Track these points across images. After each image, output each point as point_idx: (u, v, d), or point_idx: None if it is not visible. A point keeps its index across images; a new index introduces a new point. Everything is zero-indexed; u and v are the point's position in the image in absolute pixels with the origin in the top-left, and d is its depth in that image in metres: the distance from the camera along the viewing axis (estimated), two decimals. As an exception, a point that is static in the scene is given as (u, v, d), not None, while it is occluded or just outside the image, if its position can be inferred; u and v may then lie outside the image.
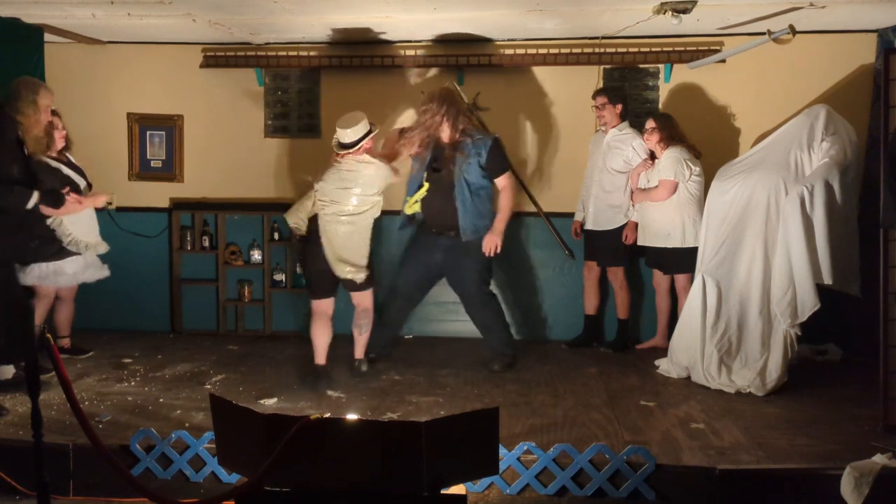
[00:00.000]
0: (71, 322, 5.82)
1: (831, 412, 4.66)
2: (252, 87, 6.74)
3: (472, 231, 5.49)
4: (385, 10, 5.44)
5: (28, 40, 5.80)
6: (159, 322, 6.78)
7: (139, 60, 6.78)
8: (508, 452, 3.79)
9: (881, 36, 6.03)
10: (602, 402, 4.88)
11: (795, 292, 4.96)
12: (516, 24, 5.87)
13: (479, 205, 5.50)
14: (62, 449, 3.97)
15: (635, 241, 6.01)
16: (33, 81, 5.13)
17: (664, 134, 5.78)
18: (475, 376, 5.46)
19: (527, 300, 6.65)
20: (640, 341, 6.33)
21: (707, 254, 5.33)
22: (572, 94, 6.45)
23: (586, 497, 3.79)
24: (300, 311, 6.73)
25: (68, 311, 5.75)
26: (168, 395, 4.96)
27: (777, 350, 5.04)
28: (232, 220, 6.81)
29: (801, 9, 5.23)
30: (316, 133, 6.73)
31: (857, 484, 3.57)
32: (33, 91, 4.97)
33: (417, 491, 2.74)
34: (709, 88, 6.39)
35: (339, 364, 5.52)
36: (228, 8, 5.40)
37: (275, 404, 4.78)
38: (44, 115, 5.00)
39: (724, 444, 4.10)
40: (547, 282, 6.64)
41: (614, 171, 6.02)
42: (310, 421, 2.78)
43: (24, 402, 4.57)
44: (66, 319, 5.77)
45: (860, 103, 6.06)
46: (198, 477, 3.95)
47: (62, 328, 5.75)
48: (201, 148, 6.83)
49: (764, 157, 5.37)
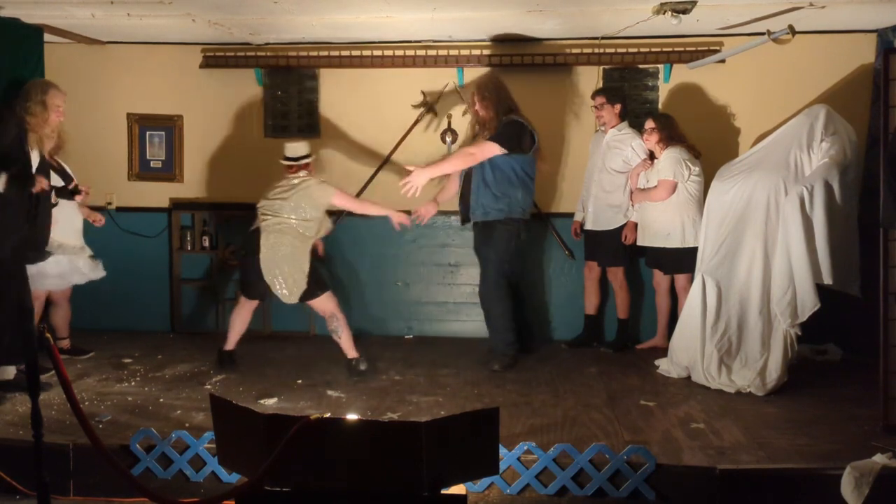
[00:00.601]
0: (68, 323, 5.81)
1: (831, 412, 4.66)
2: (252, 87, 6.74)
3: (482, 213, 5.47)
4: (385, 10, 5.44)
5: (28, 40, 5.79)
6: (159, 322, 6.78)
7: (139, 60, 6.78)
8: (509, 452, 3.79)
9: (881, 36, 6.03)
10: (602, 401, 4.88)
11: (795, 292, 4.96)
12: (516, 24, 5.87)
13: (494, 187, 5.45)
14: (62, 449, 3.97)
15: (635, 240, 6.02)
16: (44, 82, 5.21)
17: (663, 134, 5.78)
18: (475, 376, 5.46)
19: (527, 300, 6.64)
20: (640, 341, 6.33)
21: (707, 254, 5.33)
22: (572, 94, 6.45)
23: (586, 497, 3.78)
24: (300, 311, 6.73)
25: (64, 313, 5.76)
26: (168, 395, 4.96)
27: (777, 350, 5.04)
28: (232, 219, 6.80)
29: (801, 9, 5.23)
30: (316, 133, 6.73)
31: (857, 484, 3.57)
32: (42, 91, 5.04)
33: (417, 491, 2.74)
34: (708, 89, 6.39)
35: (338, 364, 5.52)
36: (228, 8, 5.40)
37: (275, 404, 4.78)
38: (53, 114, 5.04)
39: (724, 444, 4.10)
40: (547, 282, 6.64)
41: (614, 171, 6.02)
42: (310, 421, 2.78)
43: (25, 401, 4.57)
44: (63, 321, 5.77)
45: (860, 103, 6.06)
46: (198, 477, 3.95)
47: (60, 329, 5.75)
48: (201, 148, 6.83)
49: (764, 158, 5.38)
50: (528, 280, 6.61)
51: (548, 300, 6.64)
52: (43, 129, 4.99)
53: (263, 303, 5.62)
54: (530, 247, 6.62)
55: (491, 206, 5.47)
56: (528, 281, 6.61)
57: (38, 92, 5.02)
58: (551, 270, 6.63)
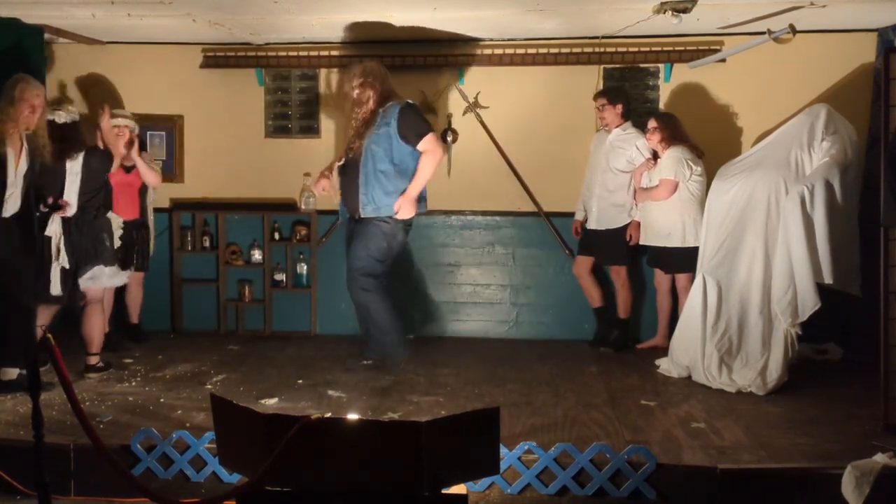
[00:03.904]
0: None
1: (832, 411, 4.65)
2: (252, 87, 6.74)
3: (373, 209, 5.14)
4: (385, 9, 5.44)
5: (28, 40, 5.80)
6: (160, 322, 6.78)
7: (139, 60, 6.78)
8: (509, 452, 3.79)
9: (881, 35, 6.02)
10: (603, 401, 4.88)
11: (796, 292, 4.96)
12: (516, 24, 5.87)
13: (385, 180, 5.11)
14: (63, 449, 3.97)
15: (639, 240, 6.02)
16: (17, 76, 4.91)
17: (666, 133, 5.78)
18: (476, 376, 5.46)
19: (526, 300, 6.65)
20: (640, 341, 6.32)
21: (707, 253, 5.33)
22: (572, 94, 6.44)
23: (587, 497, 3.78)
24: (301, 310, 6.74)
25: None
26: (169, 395, 4.96)
27: (778, 349, 5.04)
28: (232, 219, 6.81)
29: (802, 8, 5.23)
30: (316, 133, 6.73)
31: (857, 483, 3.57)
32: (11, 86, 4.79)
33: (418, 491, 2.74)
34: (709, 88, 6.38)
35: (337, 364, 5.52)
36: (228, 8, 5.40)
37: (275, 404, 4.78)
38: (25, 109, 4.71)
39: (724, 444, 4.10)
40: (547, 281, 6.64)
41: (618, 170, 6.01)
42: (310, 421, 2.78)
43: (25, 402, 4.56)
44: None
45: (860, 102, 6.06)
46: (199, 477, 3.94)
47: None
48: (201, 148, 6.83)
49: (764, 157, 5.37)
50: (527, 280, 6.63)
51: (547, 300, 6.63)
52: (15, 126, 4.70)
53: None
54: (530, 247, 6.62)
55: (383, 201, 5.13)
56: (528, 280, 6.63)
57: (9, 87, 4.78)
58: (551, 270, 6.62)
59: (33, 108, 4.81)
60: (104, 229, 5.26)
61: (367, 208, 5.17)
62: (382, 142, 5.14)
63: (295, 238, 6.70)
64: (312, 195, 6.50)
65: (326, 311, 6.74)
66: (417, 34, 6.20)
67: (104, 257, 5.24)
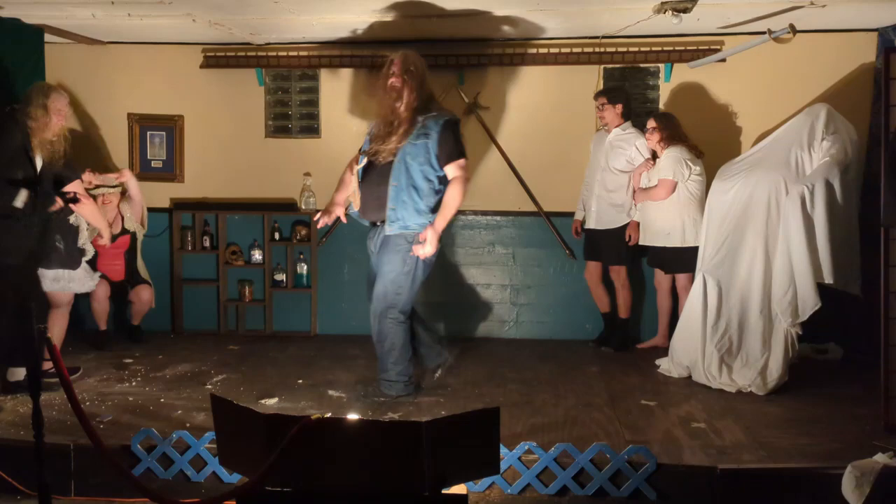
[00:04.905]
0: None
1: (832, 411, 4.65)
2: (253, 87, 6.74)
3: (401, 226, 4.65)
4: (385, 10, 5.43)
5: (28, 40, 5.80)
6: (160, 322, 6.78)
7: (139, 60, 6.78)
8: (509, 452, 3.79)
9: (881, 35, 6.02)
10: (603, 401, 4.88)
11: (796, 291, 4.96)
12: (516, 23, 5.86)
13: (417, 198, 4.62)
14: (63, 449, 3.97)
15: (638, 240, 6.02)
16: (46, 85, 5.15)
17: (665, 133, 5.78)
18: (476, 376, 5.46)
19: (527, 299, 6.65)
20: (640, 341, 6.32)
21: (708, 253, 5.34)
22: (572, 93, 6.44)
23: (587, 496, 3.78)
24: (301, 311, 6.74)
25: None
26: (169, 395, 4.96)
27: (778, 349, 5.04)
28: (232, 220, 6.82)
29: (802, 8, 5.23)
30: (316, 133, 6.73)
31: (858, 483, 3.57)
32: (44, 94, 4.96)
33: (418, 491, 2.74)
34: (709, 88, 6.38)
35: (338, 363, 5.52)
36: (228, 8, 5.40)
37: (276, 404, 4.78)
38: (55, 118, 4.94)
39: (725, 444, 4.10)
40: (547, 281, 6.64)
41: (617, 170, 6.01)
42: (311, 421, 2.78)
43: (26, 402, 4.57)
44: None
45: (861, 102, 6.06)
46: (199, 477, 3.95)
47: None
48: (202, 148, 6.83)
49: (764, 157, 5.37)
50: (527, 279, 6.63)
51: (548, 299, 6.63)
52: (45, 134, 4.90)
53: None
54: (530, 247, 6.62)
55: (412, 221, 4.64)
56: (528, 280, 6.63)
57: (40, 96, 4.94)
58: (551, 270, 6.62)
59: (62, 116, 5.02)
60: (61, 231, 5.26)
61: (393, 225, 4.66)
62: (420, 154, 4.59)
63: (295, 238, 6.70)
64: (313, 195, 6.52)
65: (327, 311, 6.75)
66: (418, 34, 6.20)
67: (52, 258, 5.20)
